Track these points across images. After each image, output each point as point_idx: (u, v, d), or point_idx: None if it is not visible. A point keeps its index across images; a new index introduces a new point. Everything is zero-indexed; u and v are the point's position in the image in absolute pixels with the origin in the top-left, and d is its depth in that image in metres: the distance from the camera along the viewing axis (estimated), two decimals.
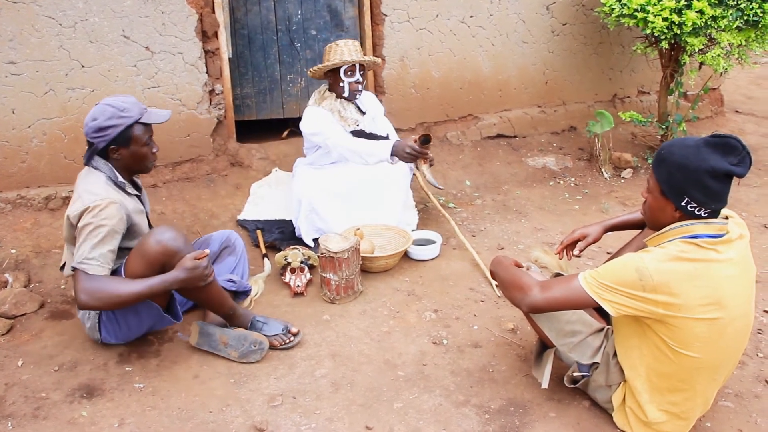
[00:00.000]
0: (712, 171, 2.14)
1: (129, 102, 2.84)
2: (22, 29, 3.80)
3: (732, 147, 2.15)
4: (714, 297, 2.15)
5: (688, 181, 2.17)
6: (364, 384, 2.76)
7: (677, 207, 2.23)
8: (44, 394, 2.74)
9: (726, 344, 2.25)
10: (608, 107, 5.85)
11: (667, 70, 5.08)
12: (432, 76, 5.17)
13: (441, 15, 5.04)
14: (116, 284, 2.65)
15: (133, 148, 2.84)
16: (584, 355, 2.50)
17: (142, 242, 2.75)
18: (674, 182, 2.21)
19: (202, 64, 4.37)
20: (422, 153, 3.62)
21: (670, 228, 2.26)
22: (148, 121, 2.85)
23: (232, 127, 4.75)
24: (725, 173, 2.14)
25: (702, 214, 2.20)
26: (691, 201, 2.19)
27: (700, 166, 2.15)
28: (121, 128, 2.78)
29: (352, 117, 4.01)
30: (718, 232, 2.20)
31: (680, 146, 2.21)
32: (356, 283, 3.42)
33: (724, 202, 2.21)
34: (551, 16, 5.46)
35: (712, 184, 2.15)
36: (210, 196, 4.40)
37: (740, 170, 2.15)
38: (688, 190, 2.18)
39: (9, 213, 3.91)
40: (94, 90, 4.07)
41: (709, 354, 2.23)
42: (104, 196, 2.72)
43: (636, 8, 4.53)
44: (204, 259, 2.73)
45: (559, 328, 2.52)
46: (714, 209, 2.20)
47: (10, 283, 3.50)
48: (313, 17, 4.93)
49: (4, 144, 3.92)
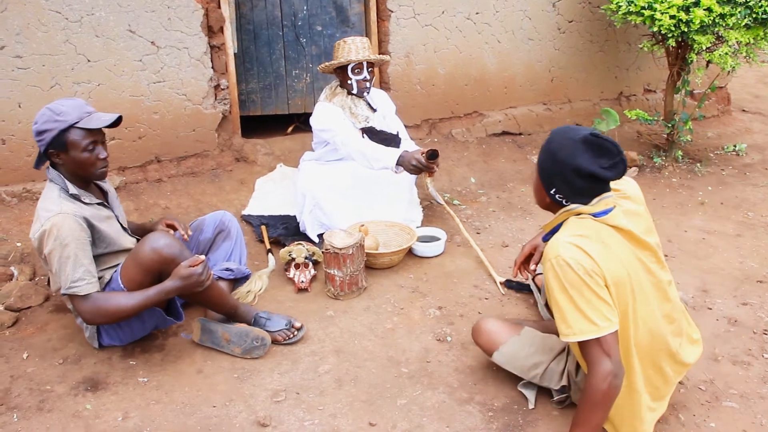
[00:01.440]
0: (577, 169, 2.15)
1: (69, 105, 2.69)
2: (28, 23, 3.81)
3: (606, 150, 2.15)
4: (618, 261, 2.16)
5: (556, 172, 2.21)
6: (368, 380, 2.76)
7: (546, 193, 2.29)
8: (49, 386, 2.75)
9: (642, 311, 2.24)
10: (614, 105, 5.84)
11: (674, 68, 5.06)
12: (437, 72, 5.16)
13: (447, 11, 5.03)
14: (115, 300, 2.67)
15: (72, 153, 2.69)
16: (552, 381, 2.55)
17: (138, 250, 2.74)
18: (545, 170, 2.27)
19: (207, 59, 4.37)
20: (428, 167, 3.62)
21: (558, 215, 2.30)
22: (86, 126, 2.67)
23: (237, 122, 4.75)
24: (591, 174, 2.14)
25: (569, 205, 2.24)
26: (558, 192, 2.24)
27: (567, 161, 2.17)
28: (55, 132, 2.65)
29: (362, 114, 4.01)
30: (605, 208, 2.22)
31: (562, 136, 2.23)
32: (360, 279, 3.41)
33: (592, 198, 2.22)
34: (557, 14, 5.45)
35: (576, 181, 2.17)
36: (215, 191, 4.40)
37: (609, 174, 2.16)
38: (555, 181, 2.23)
39: (15, 206, 3.92)
40: (99, 84, 4.08)
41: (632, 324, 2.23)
42: (57, 211, 2.65)
43: (643, 6, 4.52)
44: (199, 266, 2.71)
45: (521, 365, 2.59)
46: (580, 204, 2.23)
47: (15, 276, 3.51)
48: (318, 13, 4.92)
49: (10, 137, 3.93)
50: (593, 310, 2.10)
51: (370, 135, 4.01)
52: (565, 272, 2.11)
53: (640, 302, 2.22)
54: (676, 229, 4.16)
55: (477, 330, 2.71)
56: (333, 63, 3.91)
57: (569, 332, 2.14)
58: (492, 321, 2.71)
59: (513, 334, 2.63)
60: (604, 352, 2.11)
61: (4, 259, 3.62)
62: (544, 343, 2.59)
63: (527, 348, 2.58)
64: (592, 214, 2.22)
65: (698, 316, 3.15)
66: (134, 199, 4.10)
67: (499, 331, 2.65)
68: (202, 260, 2.73)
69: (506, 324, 2.70)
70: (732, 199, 4.64)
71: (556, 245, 2.15)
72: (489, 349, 2.65)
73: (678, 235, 4.06)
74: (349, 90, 3.98)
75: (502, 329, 2.66)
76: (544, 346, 2.58)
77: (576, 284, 2.10)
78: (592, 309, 2.10)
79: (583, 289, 2.10)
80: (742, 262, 3.70)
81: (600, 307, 2.11)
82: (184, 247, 2.78)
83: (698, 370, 2.75)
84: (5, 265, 3.58)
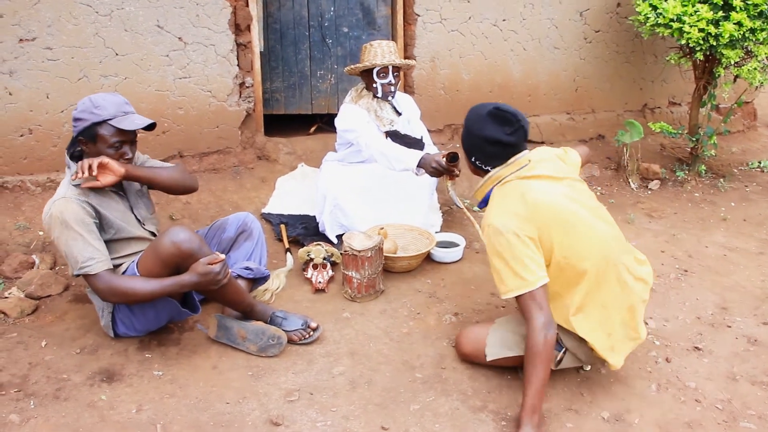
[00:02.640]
0: (486, 138, 2.55)
1: (110, 101, 2.76)
2: (60, 16, 3.85)
3: (507, 120, 2.54)
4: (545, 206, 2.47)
5: (471, 143, 2.63)
6: (382, 384, 2.76)
7: (469, 162, 2.69)
8: (65, 375, 2.77)
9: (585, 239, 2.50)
10: (638, 117, 5.79)
11: (701, 81, 5.02)
12: (462, 78, 5.15)
13: (474, 17, 5.02)
14: (130, 281, 2.71)
15: (99, 146, 2.75)
16: None
17: (158, 241, 2.76)
18: (464, 142, 2.68)
19: (233, 57, 4.40)
20: (448, 170, 3.61)
21: (483, 181, 2.66)
22: (117, 124, 2.73)
23: (260, 120, 4.77)
24: (497, 141, 2.54)
25: (488, 169, 2.63)
26: (476, 160, 2.65)
27: (478, 132, 2.58)
28: (88, 123, 2.72)
29: (387, 117, 4.01)
30: (519, 166, 2.57)
31: (473, 112, 2.63)
32: (378, 282, 3.42)
33: (505, 160, 2.59)
34: (584, 23, 5.42)
35: (488, 148, 2.57)
36: (236, 188, 4.42)
37: (512, 139, 2.54)
38: (472, 151, 2.64)
39: (39, 195, 3.96)
40: (126, 78, 4.11)
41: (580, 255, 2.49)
42: (61, 195, 2.73)
43: (672, 18, 4.48)
44: (217, 265, 2.72)
45: (513, 343, 2.68)
46: (497, 164, 2.60)
47: (36, 265, 3.55)
48: (345, 14, 4.94)
49: (37, 127, 3.97)
50: (523, 267, 2.40)
51: (394, 138, 4.02)
52: (497, 237, 2.44)
53: (580, 228, 2.49)
54: (697, 244, 4.12)
55: (459, 341, 2.87)
56: (358, 66, 3.92)
57: (505, 290, 2.45)
58: (467, 328, 2.91)
59: (489, 327, 2.80)
60: (537, 306, 2.40)
61: (26, 247, 3.66)
62: (518, 318, 2.71)
63: (509, 326, 2.74)
64: (511, 173, 2.57)
65: (717, 334, 3.13)
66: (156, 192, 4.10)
67: (477, 331, 2.82)
68: (222, 259, 2.74)
69: (480, 325, 2.92)
70: (755, 216, 4.59)
71: (488, 215, 2.52)
72: (478, 354, 2.77)
73: (699, 251, 4.02)
74: (375, 93, 3.99)
75: (479, 329, 2.84)
76: (520, 319, 2.67)
77: (505, 246, 2.42)
78: (522, 267, 2.41)
79: (513, 250, 2.41)
80: (763, 280, 3.66)
81: (529, 263, 2.41)
82: (204, 243, 2.79)
83: (715, 389, 2.73)
84: (27, 253, 3.62)
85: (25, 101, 3.91)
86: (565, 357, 2.63)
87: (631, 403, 2.64)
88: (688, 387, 2.75)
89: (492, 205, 2.56)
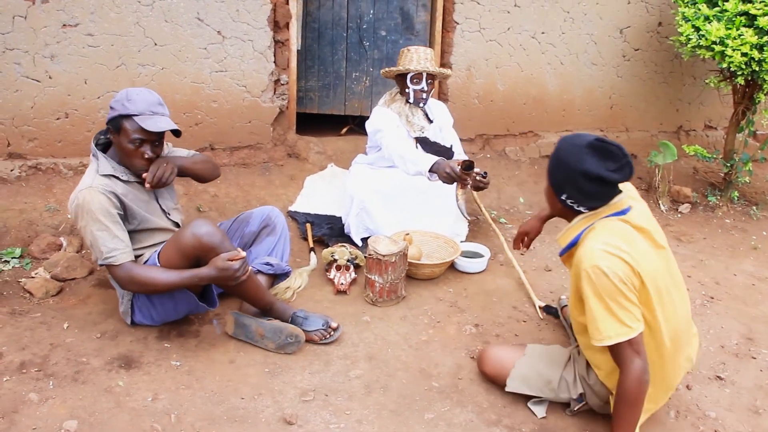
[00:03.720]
0: (585, 173, 2.25)
1: (142, 98, 2.79)
2: (103, 3, 3.90)
3: (611, 154, 2.25)
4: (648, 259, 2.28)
5: (566, 178, 2.32)
6: (398, 390, 2.75)
7: (558, 200, 2.40)
8: (85, 359, 2.80)
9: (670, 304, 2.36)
10: (672, 138, 5.72)
11: (740, 107, 4.94)
12: (497, 88, 5.13)
13: (513, 28, 5.00)
14: (150, 272, 2.74)
15: (121, 138, 2.78)
16: (569, 390, 2.58)
17: (180, 233, 2.78)
18: (555, 176, 2.38)
19: (270, 54, 4.42)
20: (461, 178, 3.58)
21: (573, 224, 2.42)
22: (140, 122, 2.75)
23: (293, 118, 4.79)
24: (599, 177, 2.24)
25: (581, 210, 2.36)
26: (569, 197, 2.35)
27: (575, 166, 2.26)
28: (115, 114, 2.76)
29: (418, 123, 4.01)
30: (622, 208, 2.34)
31: (568, 143, 2.33)
32: (400, 288, 3.40)
33: (603, 201, 2.33)
34: (624, 40, 5.37)
35: (585, 185, 2.27)
36: (264, 184, 4.44)
37: (616, 176, 2.25)
38: (565, 187, 2.34)
39: (70, 179, 4.01)
40: (163, 68, 4.15)
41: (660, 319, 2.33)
42: (88, 185, 2.75)
43: (714, 40, 4.41)
44: (237, 261, 2.72)
45: (536, 385, 2.61)
46: (592, 206, 2.34)
47: (64, 247, 3.59)
48: (384, 18, 4.94)
49: (73, 112, 4.02)
50: (625, 313, 2.22)
51: (424, 145, 4.01)
52: (601, 281, 2.21)
53: (666, 300, 2.33)
54: (725, 271, 4.05)
55: (481, 361, 2.78)
56: (392, 69, 3.93)
57: (601, 337, 2.25)
58: (494, 349, 2.79)
59: (518, 356, 2.67)
60: (634, 352, 2.24)
61: (55, 229, 3.71)
62: (550, 356, 2.64)
63: (536, 365, 2.62)
64: (612, 214, 2.33)
65: (741, 365, 3.07)
66: (184, 183, 4.15)
67: (503, 357, 2.71)
68: (242, 256, 2.74)
69: (509, 348, 2.78)
70: None
71: (591, 253, 2.24)
72: (498, 377, 2.69)
73: (726, 278, 3.95)
74: (407, 98, 3.98)
75: (506, 355, 2.72)
76: (551, 359, 2.62)
77: (611, 292, 2.21)
78: (624, 312, 2.22)
79: (617, 296, 2.21)
80: None
81: (632, 309, 2.23)
82: (226, 238, 2.79)
83: (736, 421, 2.68)
84: (56, 235, 3.67)
85: (63, 85, 3.96)
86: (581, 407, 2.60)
87: (648, 428, 2.59)
88: (707, 416, 2.69)
89: (596, 242, 2.27)
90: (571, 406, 2.59)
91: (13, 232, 3.64)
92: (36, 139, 3.99)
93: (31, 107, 3.92)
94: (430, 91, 4.00)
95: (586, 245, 2.28)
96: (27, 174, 3.96)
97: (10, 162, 3.95)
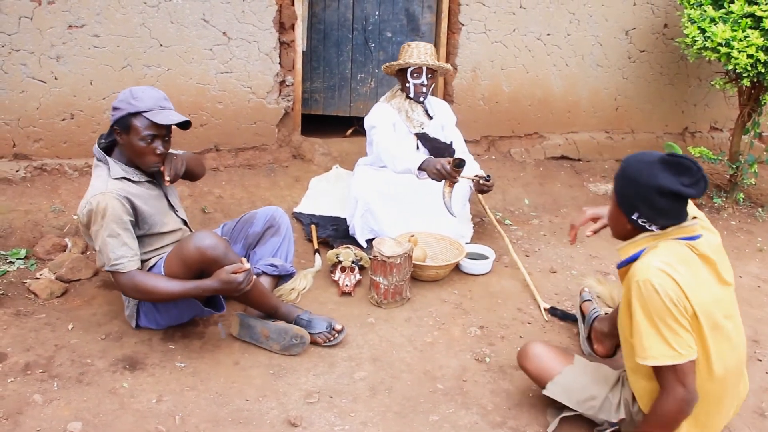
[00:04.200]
0: (660, 189, 2.17)
1: (148, 94, 2.78)
2: (109, 4, 3.90)
3: (686, 168, 2.17)
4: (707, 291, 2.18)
5: (638, 196, 2.23)
6: (402, 392, 2.74)
7: (628, 220, 2.29)
8: (89, 360, 2.80)
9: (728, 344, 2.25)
10: (677, 140, 5.71)
11: (745, 108, 4.92)
12: (502, 90, 5.12)
13: (518, 30, 4.99)
14: (154, 281, 2.73)
15: (131, 137, 2.76)
16: (610, 413, 2.47)
17: (183, 245, 2.76)
18: (626, 196, 2.28)
19: (276, 55, 4.42)
20: (451, 175, 3.57)
21: (639, 238, 2.30)
22: (151, 117, 2.74)
23: (298, 119, 4.79)
24: (674, 193, 2.16)
25: (654, 229, 2.25)
26: (641, 216, 2.25)
27: (649, 182, 2.19)
28: (123, 113, 2.74)
29: (418, 119, 4.02)
30: (693, 234, 2.24)
31: (637, 160, 2.25)
32: (405, 289, 3.40)
33: (678, 219, 2.24)
34: (629, 42, 5.36)
35: (660, 202, 2.19)
36: (269, 186, 4.44)
37: (691, 192, 2.16)
38: (638, 205, 2.24)
39: (75, 180, 4.02)
40: (169, 69, 4.16)
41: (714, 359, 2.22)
42: (103, 190, 2.73)
43: (720, 42, 4.40)
44: (241, 274, 2.70)
45: (577, 397, 2.50)
46: (665, 225, 2.24)
47: (69, 248, 3.60)
48: (389, 19, 4.94)
49: (79, 113, 4.03)
50: (674, 336, 2.12)
51: (423, 141, 4.02)
52: (651, 297, 2.13)
53: (721, 338, 2.22)
54: None
55: (524, 355, 2.62)
56: (393, 64, 3.96)
57: (645, 355, 2.16)
58: (540, 346, 2.63)
59: (565, 362, 2.56)
60: (678, 380, 2.14)
61: (60, 230, 3.71)
62: (597, 373, 2.53)
63: (582, 379, 2.51)
64: (681, 238, 2.23)
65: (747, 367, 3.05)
66: (189, 184, 4.16)
67: (549, 358, 2.58)
68: (246, 269, 2.72)
69: (556, 351, 2.63)
70: None
71: (646, 268, 2.16)
72: (539, 377, 2.57)
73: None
74: (407, 93, 4.00)
75: (552, 357, 2.58)
76: (598, 376, 2.52)
77: (660, 311, 2.12)
78: (673, 335, 2.12)
79: (666, 317, 2.12)
80: None
81: (682, 334, 2.12)
82: (230, 249, 2.78)
83: (742, 424, 2.67)
84: (60, 236, 3.67)
85: (69, 86, 3.97)
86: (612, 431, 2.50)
87: None
88: None
89: (654, 259, 2.17)
90: (603, 427, 2.49)
91: (18, 233, 3.65)
92: (41, 140, 4.00)
93: (36, 108, 3.93)
94: (431, 86, 4.00)
95: (644, 260, 2.21)
96: (32, 175, 3.97)
97: (15, 163, 3.96)
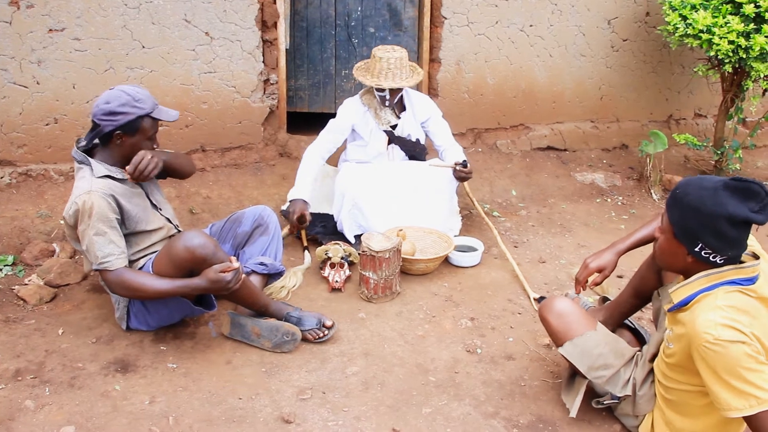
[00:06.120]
0: (729, 217, 1.99)
1: (144, 94, 2.83)
2: (89, 7, 3.88)
3: (754, 192, 2.00)
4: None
5: (703, 226, 2.04)
6: (395, 386, 2.75)
7: (690, 252, 2.10)
8: (81, 364, 2.80)
9: None
10: (663, 128, 5.73)
11: (728, 94, 4.95)
12: (486, 82, 5.13)
13: (501, 22, 5.00)
14: (142, 278, 2.74)
15: (138, 138, 2.82)
16: (616, 387, 2.46)
17: (172, 244, 2.77)
18: (688, 226, 2.08)
19: (259, 53, 4.41)
20: (292, 225, 3.76)
21: (697, 278, 2.13)
22: (158, 116, 2.83)
23: (283, 117, 4.78)
24: (744, 220, 2.00)
25: (717, 261, 2.07)
26: (706, 247, 2.06)
27: (716, 211, 2.00)
28: (132, 117, 2.75)
29: (386, 117, 4.03)
30: (752, 275, 2.07)
31: (697, 187, 2.07)
32: (395, 283, 3.41)
33: (743, 248, 2.08)
34: (612, 31, 5.38)
35: (729, 231, 2.01)
36: (256, 185, 4.43)
37: (760, 218, 2.00)
38: (703, 236, 2.05)
39: (61, 185, 4.00)
40: (152, 71, 4.14)
41: None
42: (87, 189, 2.73)
43: (701, 29, 4.42)
44: (229, 273, 2.71)
45: (590, 363, 2.47)
46: (731, 256, 2.07)
47: (57, 253, 3.58)
48: (372, 15, 4.93)
49: (62, 117, 4.01)
50: (755, 383, 1.96)
51: (392, 139, 4.06)
52: (730, 347, 1.96)
53: None
54: None
55: (549, 308, 2.56)
56: (359, 79, 3.95)
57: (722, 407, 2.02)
58: (567, 303, 2.56)
59: (588, 327, 2.50)
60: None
61: (47, 235, 3.70)
62: (616, 346, 2.51)
63: (601, 347, 2.47)
64: (739, 281, 2.07)
65: None
66: (176, 185, 4.15)
67: (574, 318, 2.51)
68: (235, 268, 2.73)
69: (582, 313, 2.56)
70: None
71: (713, 325, 1.99)
72: (557, 333, 2.52)
73: None
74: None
75: (577, 318, 2.52)
76: (617, 349, 2.49)
77: (732, 367, 1.97)
78: (752, 385, 1.96)
79: (750, 362, 1.96)
80: None
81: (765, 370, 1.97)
82: (219, 248, 2.79)
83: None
84: (48, 241, 3.66)
85: (51, 91, 3.94)
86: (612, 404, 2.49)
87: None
88: None
89: (712, 314, 2.02)
90: (603, 398, 2.48)
91: (5, 239, 3.63)
92: (25, 146, 3.98)
93: (19, 113, 3.91)
94: (397, 94, 3.98)
95: (702, 317, 2.02)
96: (17, 181, 3.95)
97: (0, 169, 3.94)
